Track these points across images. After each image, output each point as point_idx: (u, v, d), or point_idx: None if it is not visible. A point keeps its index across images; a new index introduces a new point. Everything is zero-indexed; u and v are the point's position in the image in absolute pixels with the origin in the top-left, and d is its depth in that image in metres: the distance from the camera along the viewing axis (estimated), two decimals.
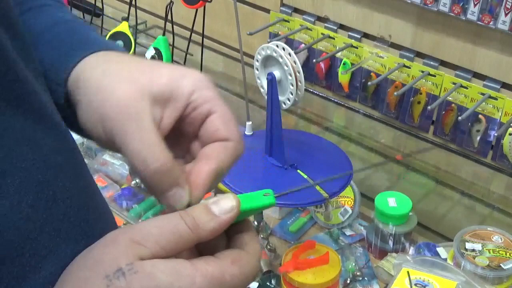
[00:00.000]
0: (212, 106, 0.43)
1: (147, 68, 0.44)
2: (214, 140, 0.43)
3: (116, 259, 0.37)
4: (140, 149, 0.40)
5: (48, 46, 0.48)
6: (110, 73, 0.44)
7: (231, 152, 0.43)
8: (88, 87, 0.44)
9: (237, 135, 0.44)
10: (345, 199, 1.19)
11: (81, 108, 0.44)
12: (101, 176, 1.29)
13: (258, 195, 0.42)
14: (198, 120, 0.44)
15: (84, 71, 0.45)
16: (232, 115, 0.44)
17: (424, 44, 1.15)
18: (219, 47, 1.53)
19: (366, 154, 1.33)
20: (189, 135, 0.45)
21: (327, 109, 1.39)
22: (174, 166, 0.41)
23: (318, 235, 1.16)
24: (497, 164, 1.12)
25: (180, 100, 0.43)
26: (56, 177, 0.41)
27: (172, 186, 0.41)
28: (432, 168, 1.25)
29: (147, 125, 0.41)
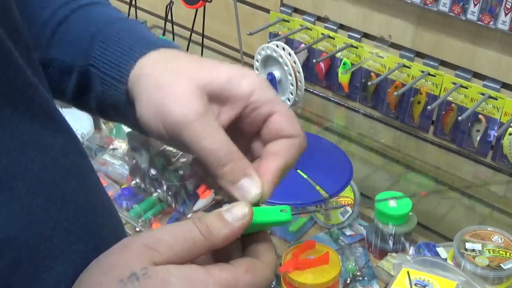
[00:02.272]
0: (273, 106, 0.44)
1: (206, 65, 0.45)
2: (278, 138, 0.44)
3: (130, 263, 0.37)
4: (210, 145, 0.41)
5: (106, 45, 0.49)
6: (170, 70, 0.45)
7: (297, 148, 0.44)
8: (148, 83, 0.45)
9: (300, 131, 0.45)
10: (345, 199, 1.19)
11: (141, 104, 0.45)
12: (101, 176, 1.29)
13: (275, 210, 0.43)
14: (258, 120, 0.45)
15: (144, 67, 0.46)
16: (293, 113, 0.45)
17: (424, 44, 1.15)
18: (219, 47, 1.53)
19: (366, 154, 1.33)
20: (248, 135, 0.46)
21: (327, 109, 1.39)
22: (243, 156, 0.42)
23: (318, 235, 1.16)
24: (497, 164, 1.12)
25: (239, 100, 0.44)
26: (65, 179, 0.41)
27: (242, 175, 0.42)
28: (432, 168, 1.25)
29: (212, 121, 0.42)
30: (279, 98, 0.45)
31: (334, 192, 0.98)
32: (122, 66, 0.47)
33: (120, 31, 0.50)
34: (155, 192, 1.22)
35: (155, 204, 1.22)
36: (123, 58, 0.47)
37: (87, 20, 0.52)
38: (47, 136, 0.41)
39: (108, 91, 0.48)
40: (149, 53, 0.47)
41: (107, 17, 0.52)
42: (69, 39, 0.50)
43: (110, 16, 0.53)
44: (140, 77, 0.46)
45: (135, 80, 0.46)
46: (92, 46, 0.49)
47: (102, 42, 0.49)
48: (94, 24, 0.51)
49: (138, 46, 0.48)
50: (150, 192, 1.23)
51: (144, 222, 1.18)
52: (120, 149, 1.34)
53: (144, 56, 0.47)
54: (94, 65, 0.49)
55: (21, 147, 0.38)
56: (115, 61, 0.47)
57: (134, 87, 0.46)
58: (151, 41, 0.49)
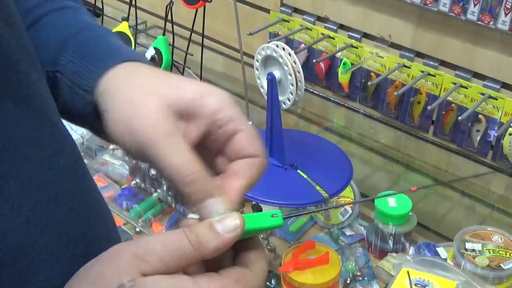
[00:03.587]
0: (237, 125, 0.44)
1: (173, 83, 0.45)
2: (241, 157, 0.44)
3: (119, 274, 0.37)
4: (175, 163, 0.41)
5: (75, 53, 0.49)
6: (139, 86, 0.45)
7: (258, 167, 0.44)
8: (116, 98, 0.45)
9: (262, 151, 0.45)
10: (345, 199, 1.19)
11: (109, 118, 0.44)
12: (101, 176, 1.29)
13: (266, 215, 0.43)
14: (223, 137, 0.45)
15: (112, 81, 0.46)
16: (257, 133, 0.45)
17: (424, 44, 1.15)
18: (219, 47, 1.53)
19: (366, 154, 1.33)
20: (212, 151, 0.46)
21: (327, 109, 1.39)
22: (208, 176, 0.42)
23: (318, 235, 1.16)
24: (497, 164, 1.12)
25: (204, 117, 0.44)
26: (58, 179, 0.41)
27: (207, 196, 0.41)
28: (432, 168, 1.25)
29: (179, 140, 0.42)
30: (244, 117, 0.46)
31: (334, 192, 0.98)
32: (89, 77, 0.46)
33: (89, 40, 0.50)
34: (155, 192, 1.22)
35: (155, 204, 1.22)
36: (91, 68, 0.47)
37: (57, 25, 0.52)
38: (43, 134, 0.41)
39: (75, 99, 0.47)
40: (117, 66, 0.47)
41: (78, 23, 0.52)
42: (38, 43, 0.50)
43: (81, 22, 0.52)
44: (108, 91, 0.45)
45: (102, 93, 0.46)
46: (61, 53, 0.49)
47: (71, 50, 0.49)
48: (64, 30, 0.51)
49: (107, 57, 0.47)
50: (150, 192, 1.23)
51: (144, 222, 1.18)
52: (120, 149, 1.34)
53: (112, 68, 0.46)
54: (62, 72, 0.48)
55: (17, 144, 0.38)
56: (83, 71, 0.47)
57: (101, 100, 0.46)
58: (120, 53, 0.48)
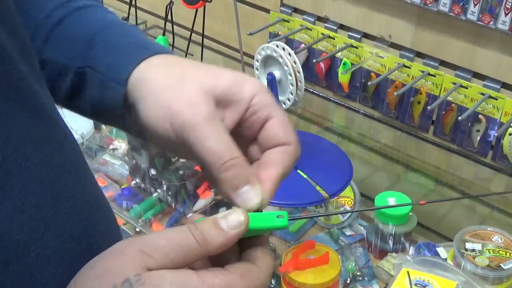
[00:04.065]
0: (271, 112, 0.45)
1: (211, 71, 0.46)
2: (274, 144, 0.45)
3: (124, 269, 0.37)
4: (216, 147, 0.41)
5: (105, 48, 0.49)
6: (175, 74, 0.46)
7: (292, 156, 0.45)
8: (153, 85, 0.45)
9: (295, 139, 0.45)
10: (345, 199, 1.19)
11: (146, 105, 0.45)
12: (101, 176, 1.29)
13: (271, 215, 0.42)
14: (257, 124, 0.45)
15: (147, 71, 0.47)
16: (289, 120, 0.46)
17: (424, 44, 1.15)
18: (219, 47, 1.53)
19: (366, 154, 1.33)
20: (247, 139, 0.47)
21: (327, 109, 1.39)
22: (247, 163, 0.42)
23: (318, 235, 1.16)
24: (497, 164, 1.12)
25: (242, 103, 0.45)
26: (60, 177, 0.41)
27: (245, 183, 0.42)
28: (432, 168, 1.25)
29: (219, 124, 0.42)
30: (277, 104, 0.46)
31: (334, 192, 0.98)
32: (122, 69, 0.47)
33: (119, 35, 0.50)
34: (155, 192, 1.22)
35: (155, 204, 1.22)
36: (123, 61, 0.47)
37: (83, 23, 0.52)
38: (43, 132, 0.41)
39: (106, 93, 0.48)
40: (150, 58, 0.47)
41: (105, 20, 0.53)
42: (65, 41, 0.51)
43: (107, 19, 0.53)
44: (143, 81, 0.46)
45: (136, 84, 0.46)
46: (90, 48, 0.49)
47: (101, 45, 0.49)
48: (92, 27, 0.51)
49: (138, 50, 0.48)
50: (150, 192, 1.23)
51: (144, 222, 1.18)
52: (120, 149, 1.34)
53: (144, 60, 0.47)
54: (93, 67, 0.49)
55: (17, 143, 0.38)
56: (115, 64, 0.48)
57: (135, 90, 0.46)
58: (151, 46, 0.49)
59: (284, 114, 0.46)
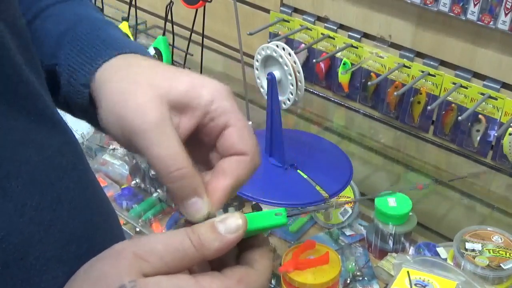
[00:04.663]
0: (229, 119, 0.43)
1: (167, 74, 0.44)
2: (230, 153, 0.43)
3: (120, 275, 0.37)
4: (162, 155, 0.40)
5: (72, 46, 0.48)
6: (131, 77, 0.44)
7: (247, 166, 0.43)
8: (109, 88, 0.44)
9: (253, 148, 0.43)
10: (345, 199, 1.19)
11: (102, 109, 0.44)
12: (101, 176, 1.29)
13: (269, 214, 0.42)
14: (215, 131, 0.44)
15: (106, 73, 0.46)
16: (249, 128, 0.44)
17: (424, 44, 1.15)
18: (219, 47, 1.53)
19: (366, 154, 1.33)
20: (207, 145, 0.45)
21: (327, 109, 1.39)
22: (195, 175, 0.41)
23: (318, 235, 1.16)
24: (497, 164, 1.12)
25: (198, 109, 0.43)
26: (61, 179, 0.41)
27: (192, 194, 0.41)
28: (432, 168, 1.25)
29: (170, 132, 0.41)
30: (237, 111, 0.44)
31: (334, 192, 0.98)
32: (85, 71, 0.46)
33: (87, 33, 0.49)
34: (155, 192, 1.22)
35: (155, 204, 1.22)
36: (87, 62, 0.47)
37: (57, 18, 0.51)
38: (44, 134, 0.41)
39: (73, 92, 0.47)
40: (113, 59, 0.46)
41: (78, 14, 0.52)
42: (39, 36, 0.50)
43: (81, 14, 0.52)
44: (102, 83, 0.45)
45: (97, 86, 0.45)
46: (59, 46, 0.49)
47: (68, 43, 0.49)
48: (64, 22, 0.50)
49: (102, 50, 0.47)
50: (150, 192, 1.23)
51: (144, 222, 1.18)
52: (120, 149, 1.34)
53: (107, 61, 0.46)
54: (60, 66, 0.48)
55: (17, 145, 0.38)
56: (79, 65, 0.47)
57: (96, 92, 0.45)
58: (117, 45, 0.48)
59: (244, 122, 0.44)
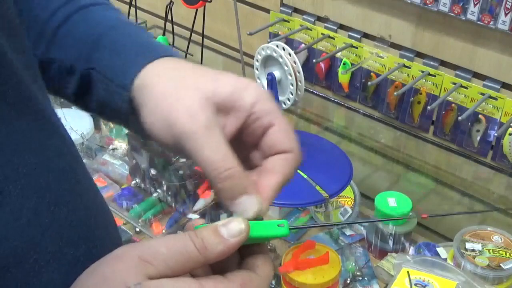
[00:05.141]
0: (273, 119, 0.44)
1: (211, 76, 0.45)
2: (275, 152, 0.44)
3: (124, 277, 0.37)
4: (212, 157, 0.41)
5: (110, 50, 0.49)
6: (176, 80, 0.45)
7: (293, 164, 0.45)
8: (154, 92, 0.45)
9: (297, 146, 0.45)
10: (345, 199, 1.19)
11: (147, 112, 0.45)
12: (101, 176, 1.29)
13: (272, 224, 0.42)
14: (258, 131, 0.45)
15: (150, 76, 0.46)
16: (291, 128, 0.45)
17: (424, 44, 1.15)
18: (219, 47, 1.53)
19: (366, 154, 1.33)
20: (248, 145, 0.46)
21: (327, 109, 1.39)
22: (244, 174, 0.42)
23: (318, 235, 1.16)
24: (497, 164, 1.12)
25: (243, 110, 0.44)
26: (58, 181, 0.41)
27: (242, 193, 0.42)
28: (432, 168, 1.25)
29: (218, 134, 0.42)
30: (279, 111, 0.46)
31: (334, 192, 0.98)
32: (126, 73, 0.47)
33: (123, 37, 0.50)
34: (155, 192, 1.22)
35: (155, 204, 1.22)
36: (127, 65, 0.47)
37: (88, 22, 0.52)
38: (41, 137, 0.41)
39: (111, 96, 0.48)
40: (154, 62, 0.47)
41: (110, 20, 0.52)
42: (71, 41, 0.50)
43: (112, 19, 0.52)
44: (146, 86, 0.46)
45: (139, 88, 0.46)
46: (94, 50, 0.49)
47: (106, 47, 0.49)
48: (96, 27, 0.51)
49: (142, 53, 0.48)
50: (150, 192, 1.23)
51: (144, 222, 1.18)
52: (120, 149, 1.34)
53: (148, 64, 0.46)
54: (97, 70, 0.48)
55: (14, 148, 0.38)
56: (119, 68, 0.47)
57: (138, 95, 0.46)
58: (155, 49, 0.48)
59: (286, 121, 0.45)
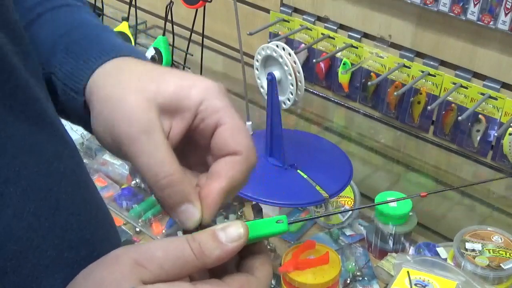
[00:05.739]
0: (221, 117, 0.42)
1: (156, 77, 0.43)
2: (224, 153, 0.42)
3: (119, 281, 0.37)
4: (150, 163, 0.39)
5: (66, 52, 0.48)
6: (122, 82, 0.43)
7: (241, 166, 0.41)
8: (100, 96, 0.43)
9: (247, 147, 0.42)
10: (345, 199, 1.19)
11: (93, 116, 0.44)
12: (101, 176, 1.29)
13: (270, 221, 0.41)
14: (207, 131, 0.42)
15: (98, 79, 0.45)
16: (243, 125, 0.43)
17: (424, 44, 1.15)
18: (219, 47, 1.53)
19: (366, 154, 1.33)
20: (203, 147, 0.44)
21: (327, 109, 1.39)
22: (184, 181, 0.40)
23: (318, 235, 1.16)
24: (497, 164, 1.12)
25: (188, 110, 0.42)
26: (59, 184, 0.40)
27: (182, 201, 0.40)
28: (432, 168, 1.25)
29: (157, 138, 0.40)
30: (229, 107, 0.42)
31: (334, 192, 0.98)
32: (78, 77, 0.45)
33: (80, 39, 0.48)
34: None
35: (155, 204, 1.22)
36: (79, 68, 0.46)
37: (53, 24, 0.50)
38: (42, 139, 0.40)
39: (68, 101, 0.47)
40: (105, 64, 0.45)
41: (73, 21, 0.51)
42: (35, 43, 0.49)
43: (75, 20, 0.51)
44: (93, 90, 0.44)
45: (89, 92, 0.45)
46: (53, 54, 0.48)
47: (62, 51, 0.48)
48: (58, 29, 0.50)
49: (95, 56, 0.46)
50: (150, 192, 1.23)
51: (144, 222, 1.18)
52: None
53: (99, 67, 0.45)
54: (55, 74, 0.47)
55: (14, 150, 0.37)
56: (73, 72, 0.46)
57: (89, 99, 0.45)
58: (110, 50, 0.47)
59: (237, 120, 0.42)
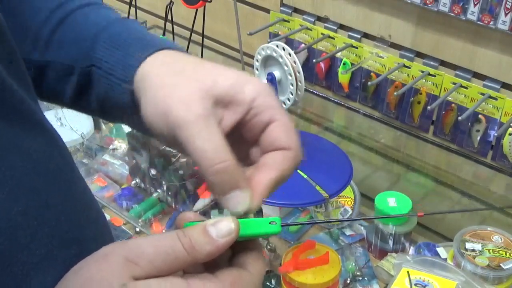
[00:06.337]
0: (273, 114, 0.44)
1: (212, 69, 0.45)
2: (274, 148, 0.43)
3: (109, 278, 0.37)
4: (205, 148, 0.40)
5: (108, 45, 0.48)
6: (175, 71, 0.44)
7: (291, 161, 0.43)
8: (153, 82, 0.44)
9: (297, 144, 0.44)
10: (345, 199, 1.19)
11: (145, 102, 0.44)
12: (101, 176, 1.29)
13: (263, 222, 0.42)
14: (258, 126, 0.44)
15: (150, 68, 0.46)
16: (292, 124, 0.44)
17: (424, 44, 1.15)
18: (219, 47, 1.53)
19: (366, 154, 1.33)
20: (248, 141, 0.45)
21: (327, 109, 1.39)
22: (238, 167, 0.41)
23: (318, 235, 1.16)
24: (497, 164, 1.12)
25: (242, 104, 0.43)
26: (48, 184, 0.41)
27: (234, 187, 0.41)
28: (432, 168, 1.25)
29: (213, 125, 0.41)
30: (281, 107, 0.45)
31: (334, 192, 0.98)
32: (128, 67, 0.46)
33: (121, 32, 0.50)
34: (155, 192, 1.22)
35: (155, 204, 1.22)
36: (128, 58, 0.47)
37: (85, 22, 0.52)
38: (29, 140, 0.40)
39: (113, 91, 0.48)
40: (154, 54, 0.47)
41: (105, 17, 0.52)
42: (68, 41, 0.50)
43: (109, 17, 0.52)
44: (145, 77, 0.45)
45: (140, 80, 0.46)
46: (94, 47, 0.49)
47: (105, 43, 0.49)
48: (94, 25, 0.51)
49: (141, 47, 0.47)
50: (150, 192, 1.23)
51: (144, 222, 1.18)
52: (120, 149, 1.34)
53: (149, 56, 0.46)
54: (98, 66, 0.48)
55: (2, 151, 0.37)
56: (120, 62, 0.47)
57: (138, 86, 0.46)
58: (154, 42, 0.48)
59: (288, 118, 0.44)
